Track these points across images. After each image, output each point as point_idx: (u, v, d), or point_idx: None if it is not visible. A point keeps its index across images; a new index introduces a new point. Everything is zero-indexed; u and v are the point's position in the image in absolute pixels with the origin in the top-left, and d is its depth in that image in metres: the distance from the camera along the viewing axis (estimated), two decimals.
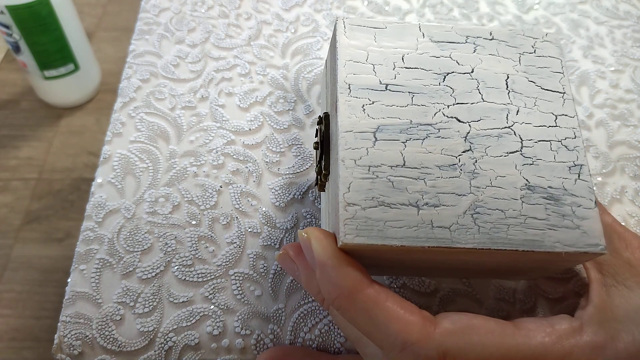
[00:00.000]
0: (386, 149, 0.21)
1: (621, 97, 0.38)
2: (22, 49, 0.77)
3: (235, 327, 0.27)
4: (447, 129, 0.21)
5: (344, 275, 0.19)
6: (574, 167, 0.21)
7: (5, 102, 0.91)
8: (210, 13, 0.41)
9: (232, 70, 0.37)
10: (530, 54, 0.24)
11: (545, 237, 0.20)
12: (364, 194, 0.20)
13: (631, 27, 0.42)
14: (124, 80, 0.36)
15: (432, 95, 0.22)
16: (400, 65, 0.23)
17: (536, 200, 0.20)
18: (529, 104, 0.22)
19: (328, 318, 0.27)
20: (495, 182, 0.21)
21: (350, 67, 0.22)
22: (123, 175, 0.31)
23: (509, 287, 0.28)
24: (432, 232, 0.19)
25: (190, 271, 0.28)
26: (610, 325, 0.21)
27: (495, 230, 0.20)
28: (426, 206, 0.20)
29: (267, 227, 0.30)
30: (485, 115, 0.22)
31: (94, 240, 0.29)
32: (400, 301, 0.19)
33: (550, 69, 0.24)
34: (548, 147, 0.22)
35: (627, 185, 0.33)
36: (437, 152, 0.21)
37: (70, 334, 0.26)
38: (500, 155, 0.21)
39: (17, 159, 0.84)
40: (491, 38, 0.24)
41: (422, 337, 0.18)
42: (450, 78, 0.23)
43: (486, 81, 0.23)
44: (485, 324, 0.20)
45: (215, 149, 0.33)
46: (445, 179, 0.20)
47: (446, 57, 0.23)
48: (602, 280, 0.23)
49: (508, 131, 0.22)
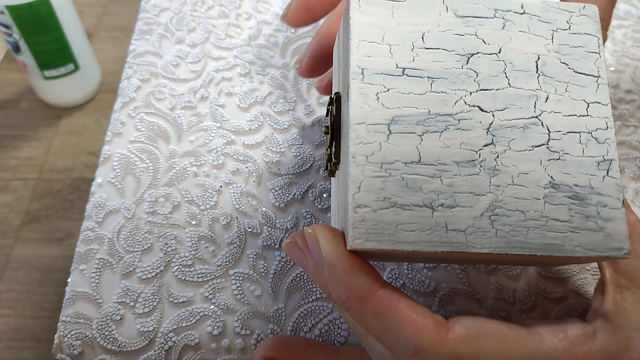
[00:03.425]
0: (401, 143, 0.19)
1: (621, 97, 0.38)
2: (22, 49, 0.77)
3: (235, 327, 0.27)
4: (468, 120, 0.19)
5: (354, 278, 0.19)
6: (603, 163, 0.20)
7: (5, 102, 0.91)
8: (210, 13, 0.41)
9: (232, 70, 0.37)
10: (565, 31, 0.21)
11: (566, 240, 0.19)
12: (375, 194, 0.18)
13: (631, 27, 0.42)
14: (124, 80, 0.36)
15: (453, 81, 0.20)
16: (420, 45, 0.20)
17: (560, 200, 0.19)
18: (559, 90, 0.20)
19: (328, 318, 0.27)
20: (517, 180, 0.19)
21: (364, 48, 0.20)
22: (123, 175, 0.32)
23: (509, 287, 0.28)
24: (446, 236, 0.18)
25: (190, 271, 0.28)
26: (624, 333, 0.20)
27: (513, 233, 0.19)
28: (441, 207, 0.18)
29: (267, 227, 0.30)
30: (511, 103, 0.20)
31: (94, 240, 0.29)
32: (412, 304, 0.19)
33: (585, 49, 0.21)
34: (577, 140, 0.20)
35: (627, 185, 0.33)
36: (456, 147, 0.19)
37: (70, 334, 0.26)
38: (525, 149, 0.19)
39: (17, 159, 0.84)
40: (522, 12, 0.21)
41: (435, 343, 0.18)
42: (474, 60, 0.20)
43: (514, 63, 0.20)
44: (498, 329, 0.19)
45: (215, 149, 0.33)
46: (464, 176, 0.19)
47: (471, 35, 0.21)
48: (617, 281, 0.22)
49: (535, 121, 0.20)
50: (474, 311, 0.28)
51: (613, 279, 0.22)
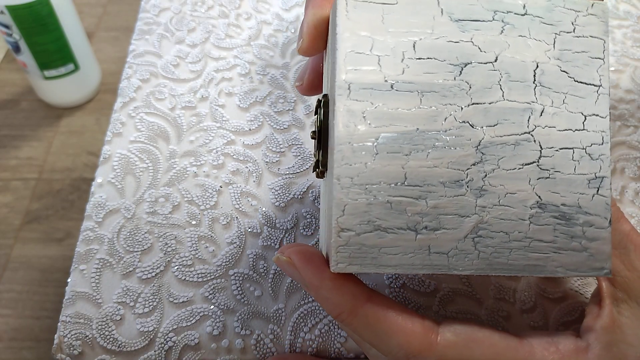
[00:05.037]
0: (387, 163, 0.18)
1: (621, 97, 0.38)
2: (22, 49, 0.77)
3: (235, 327, 0.27)
4: (457, 137, 0.19)
5: (339, 296, 0.19)
6: (594, 181, 0.19)
7: (5, 102, 0.91)
8: (210, 13, 0.41)
9: (232, 70, 0.37)
10: (568, 34, 0.20)
11: (548, 261, 0.19)
12: (359, 218, 0.18)
13: (631, 27, 0.42)
14: (124, 80, 0.36)
15: (444, 95, 0.19)
16: (411, 55, 0.19)
17: (545, 221, 0.19)
18: (556, 102, 0.19)
19: (328, 318, 0.27)
20: (503, 201, 0.19)
21: (351, 60, 0.19)
22: (123, 175, 0.32)
23: (509, 287, 0.28)
24: (428, 259, 0.18)
25: (190, 271, 0.28)
26: (618, 349, 0.20)
27: (495, 255, 0.18)
28: (425, 230, 0.18)
29: (267, 227, 0.30)
30: (503, 118, 0.19)
31: (94, 240, 0.29)
32: (400, 311, 0.19)
33: (589, 54, 0.20)
34: (570, 157, 0.19)
35: (627, 185, 0.33)
36: (444, 166, 0.18)
37: (70, 334, 0.26)
38: (514, 168, 0.19)
39: (17, 159, 0.84)
40: (524, 13, 0.20)
41: (424, 349, 0.18)
42: (468, 70, 0.19)
43: (510, 73, 0.19)
44: (489, 337, 0.19)
45: (215, 149, 0.33)
46: (449, 197, 0.18)
47: (466, 42, 0.19)
48: (614, 294, 0.21)
49: (527, 137, 0.19)
50: (474, 311, 0.28)
51: (610, 292, 0.22)
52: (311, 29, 0.21)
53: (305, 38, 0.21)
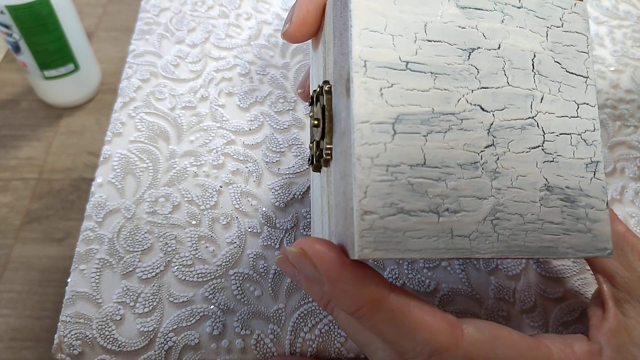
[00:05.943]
0: (406, 144, 0.18)
1: (621, 97, 0.38)
2: (22, 49, 0.77)
3: (235, 327, 0.27)
4: (470, 120, 0.19)
5: (362, 288, 0.18)
6: (591, 165, 0.20)
7: (5, 102, 0.91)
8: (210, 13, 0.41)
9: (232, 70, 0.37)
10: (558, 28, 0.21)
11: (559, 243, 0.19)
12: (382, 200, 0.17)
13: (631, 27, 0.42)
14: (124, 80, 0.36)
15: (455, 77, 0.19)
16: (422, 37, 0.19)
17: (554, 203, 0.19)
18: (553, 90, 0.20)
19: (328, 318, 0.27)
20: (515, 183, 0.19)
21: (366, 37, 0.18)
22: (123, 175, 0.32)
23: (509, 287, 0.28)
24: (451, 242, 0.18)
25: (190, 271, 0.28)
26: (627, 350, 0.20)
27: (513, 237, 0.18)
28: (447, 212, 0.18)
29: (267, 227, 0.30)
30: (509, 102, 0.19)
31: (94, 240, 0.29)
32: (423, 305, 0.18)
33: (576, 48, 0.21)
34: (569, 142, 0.20)
35: (627, 185, 0.33)
36: (460, 148, 0.18)
37: (70, 334, 0.26)
38: (523, 151, 0.19)
39: (17, 159, 0.84)
40: (520, 6, 0.21)
41: (450, 345, 0.18)
42: (475, 55, 0.19)
43: (512, 60, 0.20)
44: (510, 335, 0.19)
45: (215, 149, 0.33)
46: (467, 179, 0.18)
47: (472, 29, 0.20)
48: (615, 295, 0.22)
49: (531, 122, 0.20)
50: (474, 311, 0.28)
51: (611, 294, 0.22)
52: (303, 12, 0.21)
53: (294, 21, 0.21)
